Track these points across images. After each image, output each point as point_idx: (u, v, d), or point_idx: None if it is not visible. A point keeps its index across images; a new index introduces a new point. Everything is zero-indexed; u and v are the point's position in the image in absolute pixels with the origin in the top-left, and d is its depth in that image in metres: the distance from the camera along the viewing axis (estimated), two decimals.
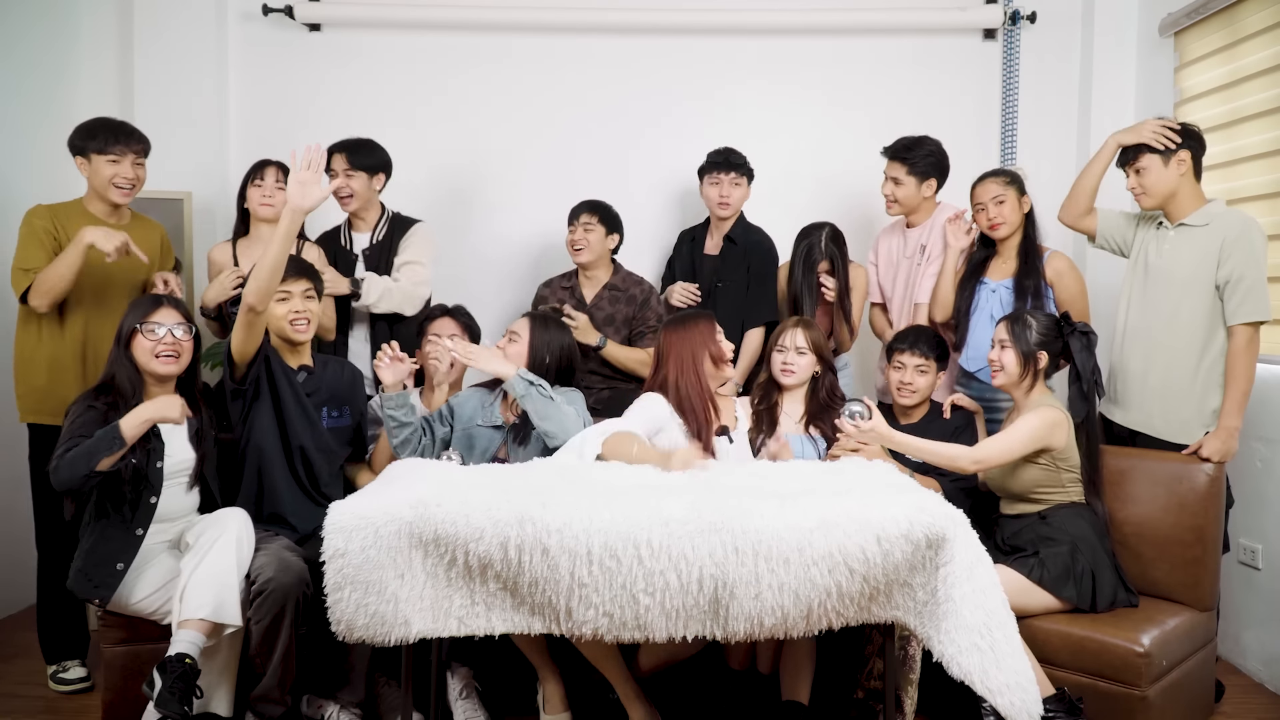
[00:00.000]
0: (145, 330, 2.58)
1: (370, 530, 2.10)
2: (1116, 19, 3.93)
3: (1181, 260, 2.85)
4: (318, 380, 2.89)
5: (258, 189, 3.27)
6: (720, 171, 3.47)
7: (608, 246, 3.51)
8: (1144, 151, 2.87)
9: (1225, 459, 2.76)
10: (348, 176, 3.38)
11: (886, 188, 3.40)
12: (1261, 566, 3.14)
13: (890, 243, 3.52)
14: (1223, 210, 2.87)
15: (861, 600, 2.13)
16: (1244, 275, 2.75)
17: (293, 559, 2.53)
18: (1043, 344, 2.73)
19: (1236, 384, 2.78)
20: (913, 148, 3.35)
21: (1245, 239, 2.76)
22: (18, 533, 3.63)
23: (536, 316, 3.03)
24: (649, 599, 2.05)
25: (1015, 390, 2.78)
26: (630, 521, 2.07)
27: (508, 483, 2.30)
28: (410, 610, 2.12)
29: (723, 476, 2.45)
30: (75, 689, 3.01)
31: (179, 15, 3.94)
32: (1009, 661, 2.07)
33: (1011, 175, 3.22)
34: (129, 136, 3.01)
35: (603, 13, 4.04)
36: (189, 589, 2.40)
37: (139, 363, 2.59)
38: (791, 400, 3.00)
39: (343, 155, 3.39)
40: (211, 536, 2.49)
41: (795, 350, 2.95)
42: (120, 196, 3.03)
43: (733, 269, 3.52)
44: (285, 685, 2.52)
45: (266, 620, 2.45)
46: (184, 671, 2.29)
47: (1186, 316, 2.83)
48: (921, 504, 2.15)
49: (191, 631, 2.37)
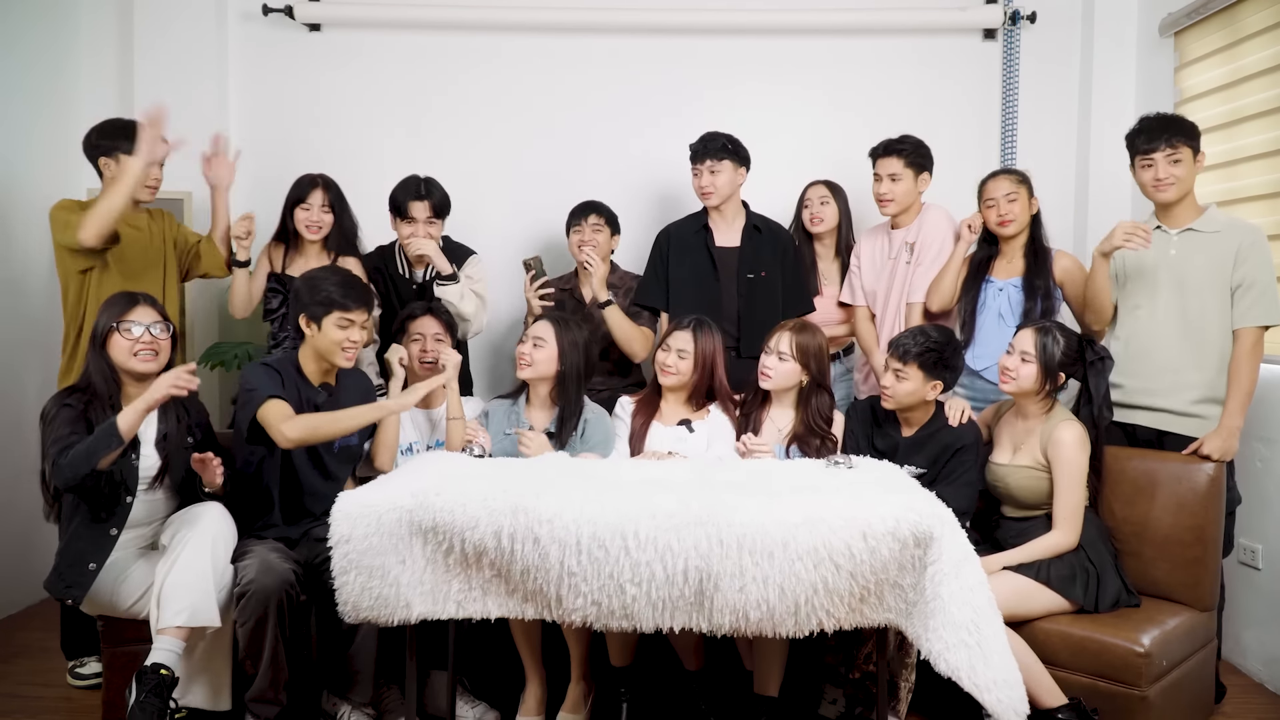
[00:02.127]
0: (122, 329, 2.55)
1: (373, 517, 2.19)
2: (1116, 19, 3.92)
3: (1194, 264, 2.86)
4: (336, 401, 2.79)
5: (304, 211, 3.25)
6: (696, 161, 3.38)
7: (612, 248, 3.52)
8: (1181, 144, 2.86)
9: (1225, 458, 2.77)
10: (429, 225, 3.33)
11: (882, 186, 3.36)
12: (1261, 566, 3.13)
13: (874, 244, 3.48)
14: (1229, 218, 2.91)
15: (852, 600, 2.14)
16: (1257, 280, 2.79)
17: (276, 561, 2.50)
18: (1064, 364, 2.70)
19: (1240, 385, 2.80)
20: (902, 141, 3.35)
21: (1259, 246, 2.82)
22: (18, 531, 3.64)
23: (559, 320, 3.03)
24: (635, 589, 2.10)
25: (1026, 400, 2.75)
26: (619, 513, 2.13)
27: (506, 475, 2.38)
28: (411, 594, 2.20)
29: (718, 472, 2.48)
30: (91, 684, 3.02)
31: (179, 15, 3.95)
32: (996, 658, 2.08)
33: (1022, 175, 3.22)
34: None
35: (603, 13, 4.04)
36: (165, 594, 2.39)
37: (116, 362, 2.56)
38: (780, 408, 2.95)
39: (425, 204, 3.32)
40: (184, 537, 2.48)
41: (777, 354, 2.89)
42: (149, 195, 3.09)
43: (767, 259, 3.39)
44: (279, 685, 2.51)
45: (250, 623, 2.44)
46: (159, 683, 2.29)
47: (1212, 319, 2.84)
48: (909, 503, 2.17)
49: (169, 639, 2.36)
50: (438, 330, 3.09)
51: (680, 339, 2.96)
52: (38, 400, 3.53)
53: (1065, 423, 2.68)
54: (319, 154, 3.78)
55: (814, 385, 2.90)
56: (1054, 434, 2.66)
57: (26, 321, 3.74)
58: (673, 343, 2.97)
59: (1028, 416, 2.77)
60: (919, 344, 2.74)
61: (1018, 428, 2.79)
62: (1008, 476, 2.76)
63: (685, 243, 3.45)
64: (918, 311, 3.32)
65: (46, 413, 2.53)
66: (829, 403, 2.94)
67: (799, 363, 2.87)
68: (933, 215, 3.36)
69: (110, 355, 2.56)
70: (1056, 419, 2.70)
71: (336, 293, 2.68)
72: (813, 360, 2.89)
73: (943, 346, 2.76)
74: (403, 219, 3.35)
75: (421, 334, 3.09)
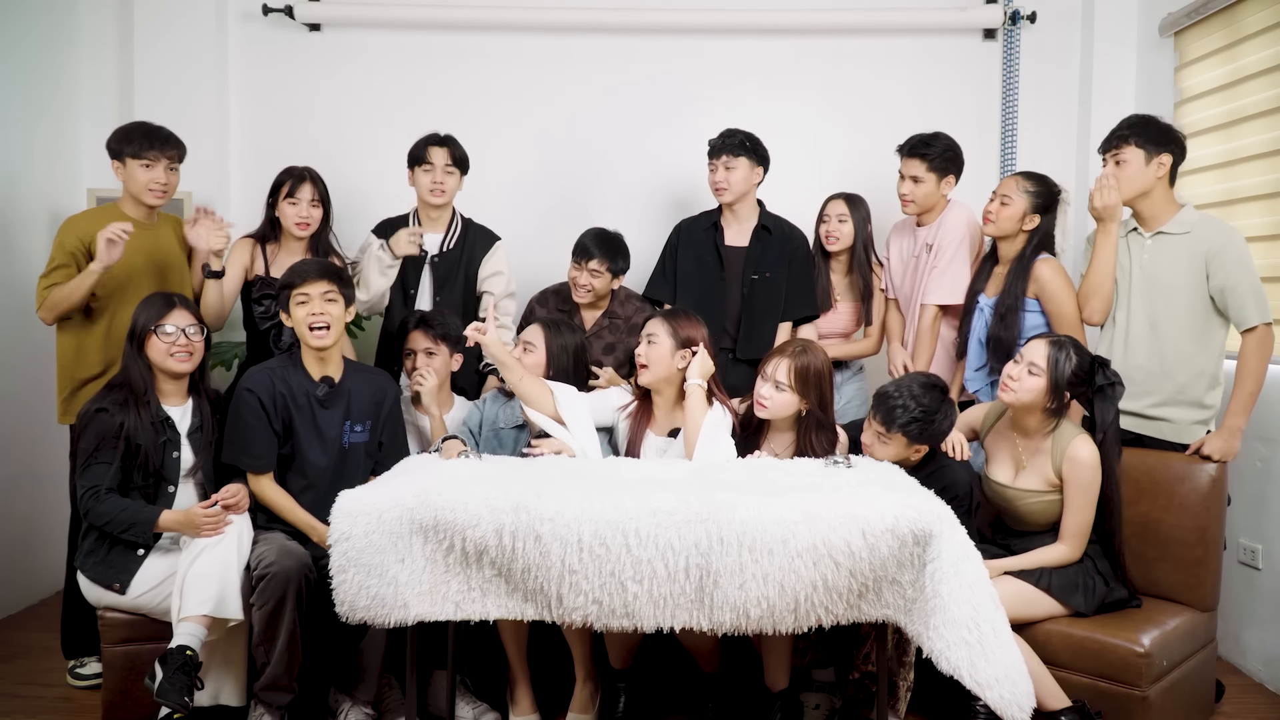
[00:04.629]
0: (160, 332, 2.65)
1: (374, 515, 2.20)
2: (1116, 19, 3.92)
3: (1165, 267, 2.85)
4: (339, 393, 2.78)
5: (293, 206, 3.15)
6: (713, 157, 3.34)
7: (612, 287, 3.37)
8: (1130, 143, 2.86)
9: (1227, 458, 2.76)
10: (447, 172, 3.29)
11: (904, 186, 3.31)
12: (1261, 566, 3.13)
13: (902, 241, 3.47)
14: (1199, 218, 2.87)
15: (850, 597, 2.15)
16: (1239, 282, 2.76)
17: (294, 546, 2.57)
18: (1073, 384, 2.59)
19: (1244, 385, 2.79)
20: (930, 143, 3.28)
21: (1230, 247, 2.78)
22: (18, 531, 3.64)
23: (548, 323, 3.01)
24: (637, 586, 2.11)
25: (1024, 415, 2.66)
26: (620, 511, 2.13)
27: (509, 475, 2.38)
28: (409, 593, 2.20)
29: (717, 471, 2.48)
30: (91, 684, 3.02)
31: (179, 15, 3.95)
32: (998, 655, 2.08)
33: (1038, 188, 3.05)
34: (164, 142, 3.05)
35: (604, 13, 4.04)
36: (189, 584, 2.44)
37: (153, 362, 2.68)
38: (777, 434, 2.81)
39: (445, 150, 3.29)
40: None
41: (774, 383, 2.70)
42: (154, 199, 3.07)
43: (774, 260, 3.35)
44: (292, 672, 2.53)
45: (270, 605, 2.46)
46: (185, 663, 2.32)
47: (1179, 321, 2.83)
48: (908, 500, 2.17)
49: (193, 624, 2.40)
50: (428, 345, 3.04)
51: (653, 325, 2.81)
52: (38, 401, 3.56)
53: (1080, 439, 2.59)
54: (319, 154, 3.76)
55: (814, 417, 2.73)
56: (1069, 451, 2.58)
57: (26, 322, 3.73)
58: (645, 330, 2.82)
59: (1029, 433, 2.68)
60: (904, 415, 2.57)
61: (1018, 445, 2.71)
62: (1016, 500, 2.68)
63: (695, 239, 3.43)
64: (929, 314, 3.29)
65: (84, 414, 2.64)
66: (830, 439, 2.75)
67: (797, 393, 2.69)
68: (952, 216, 3.29)
69: (148, 355, 2.67)
70: (1068, 435, 2.61)
71: (284, 277, 2.78)
72: (813, 389, 2.70)
73: (928, 417, 2.58)
74: (420, 165, 3.28)
75: (413, 350, 3.06)
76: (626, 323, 3.35)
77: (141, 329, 2.66)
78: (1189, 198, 3.56)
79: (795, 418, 2.76)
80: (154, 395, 2.68)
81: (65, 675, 3.08)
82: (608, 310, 3.38)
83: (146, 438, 2.61)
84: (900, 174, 3.34)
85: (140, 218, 3.08)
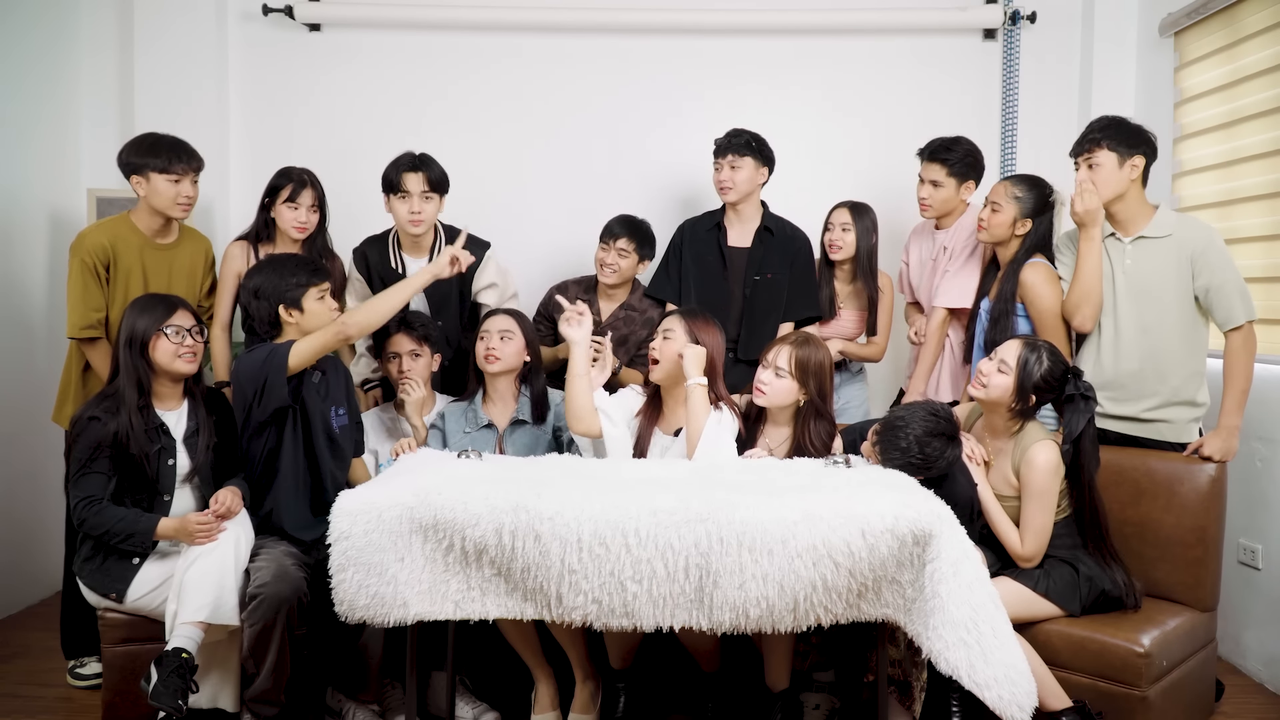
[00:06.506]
0: (169, 332, 2.61)
1: (374, 514, 2.20)
2: (1116, 19, 3.92)
3: (1151, 271, 2.84)
4: (328, 381, 2.82)
5: (293, 211, 3.10)
6: (719, 156, 3.35)
7: (638, 272, 3.43)
8: (1102, 146, 2.85)
9: (1227, 458, 2.76)
10: (425, 199, 3.13)
11: (923, 190, 3.30)
12: (1261, 566, 3.13)
13: (921, 244, 3.47)
14: (1177, 219, 2.87)
15: (850, 596, 2.15)
16: (1223, 282, 2.77)
17: (291, 568, 2.51)
18: (1040, 388, 2.58)
19: (1236, 383, 2.80)
20: (951, 147, 3.27)
21: (1214, 248, 2.79)
22: (13, 536, 3.64)
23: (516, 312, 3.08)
24: (636, 586, 2.11)
25: (992, 413, 2.67)
26: (620, 510, 2.13)
27: (509, 475, 2.38)
28: (408, 593, 2.21)
29: (717, 471, 2.48)
30: (91, 684, 3.02)
31: (179, 15, 3.94)
32: (997, 655, 2.09)
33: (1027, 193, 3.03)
34: (190, 156, 3.02)
35: (603, 13, 4.04)
36: (186, 589, 2.42)
37: (159, 364, 2.61)
38: (774, 427, 2.82)
39: (420, 175, 3.11)
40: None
41: (774, 370, 2.71)
42: (181, 213, 3.05)
43: (776, 261, 3.36)
44: (280, 685, 2.52)
45: (259, 626, 2.45)
46: (180, 666, 2.31)
47: (1170, 323, 2.83)
48: (907, 500, 2.17)
49: (189, 628, 2.39)
50: (413, 346, 3.06)
51: (670, 321, 2.82)
52: (37, 402, 3.56)
53: (1040, 444, 2.57)
54: (319, 154, 3.77)
55: (812, 406, 2.74)
56: (1027, 454, 2.57)
57: (25, 322, 3.74)
58: (663, 325, 2.82)
59: (996, 433, 2.68)
60: (901, 458, 2.47)
61: (987, 445, 2.72)
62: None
63: (699, 239, 3.45)
64: (938, 316, 3.29)
65: (77, 420, 2.59)
66: (829, 429, 2.76)
67: (797, 380, 2.70)
68: (968, 220, 3.29)
69: (153, 357, 2.60)
70: (1030, 438, 2.60)
71: (305, 270, 2.74)
72: (812, 378, 2.71)
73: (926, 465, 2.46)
74: (395, 194, 3.14)
75: (397, 352, 3.07)
76: (642, 315, 3.41)
77: (145, 331, 2.60)
78: (1189, 198, 3.57)
79: (794, 410, 2.77)
80: (150, 400, 2.61)
81: (65, 675, 3.08)
82: (625, 303, 3.43)
83: (140, 445, 2.55)
84: (920, 178, 3.33)
85: (153, 231, 3.06)
